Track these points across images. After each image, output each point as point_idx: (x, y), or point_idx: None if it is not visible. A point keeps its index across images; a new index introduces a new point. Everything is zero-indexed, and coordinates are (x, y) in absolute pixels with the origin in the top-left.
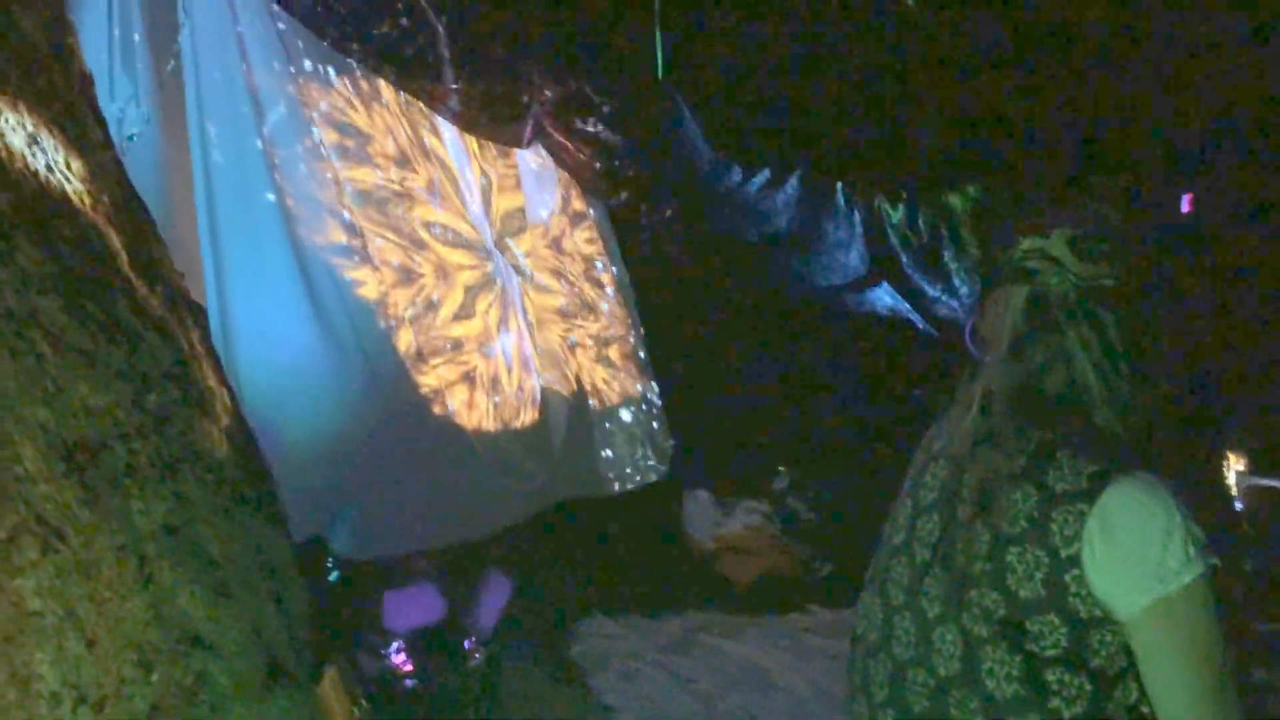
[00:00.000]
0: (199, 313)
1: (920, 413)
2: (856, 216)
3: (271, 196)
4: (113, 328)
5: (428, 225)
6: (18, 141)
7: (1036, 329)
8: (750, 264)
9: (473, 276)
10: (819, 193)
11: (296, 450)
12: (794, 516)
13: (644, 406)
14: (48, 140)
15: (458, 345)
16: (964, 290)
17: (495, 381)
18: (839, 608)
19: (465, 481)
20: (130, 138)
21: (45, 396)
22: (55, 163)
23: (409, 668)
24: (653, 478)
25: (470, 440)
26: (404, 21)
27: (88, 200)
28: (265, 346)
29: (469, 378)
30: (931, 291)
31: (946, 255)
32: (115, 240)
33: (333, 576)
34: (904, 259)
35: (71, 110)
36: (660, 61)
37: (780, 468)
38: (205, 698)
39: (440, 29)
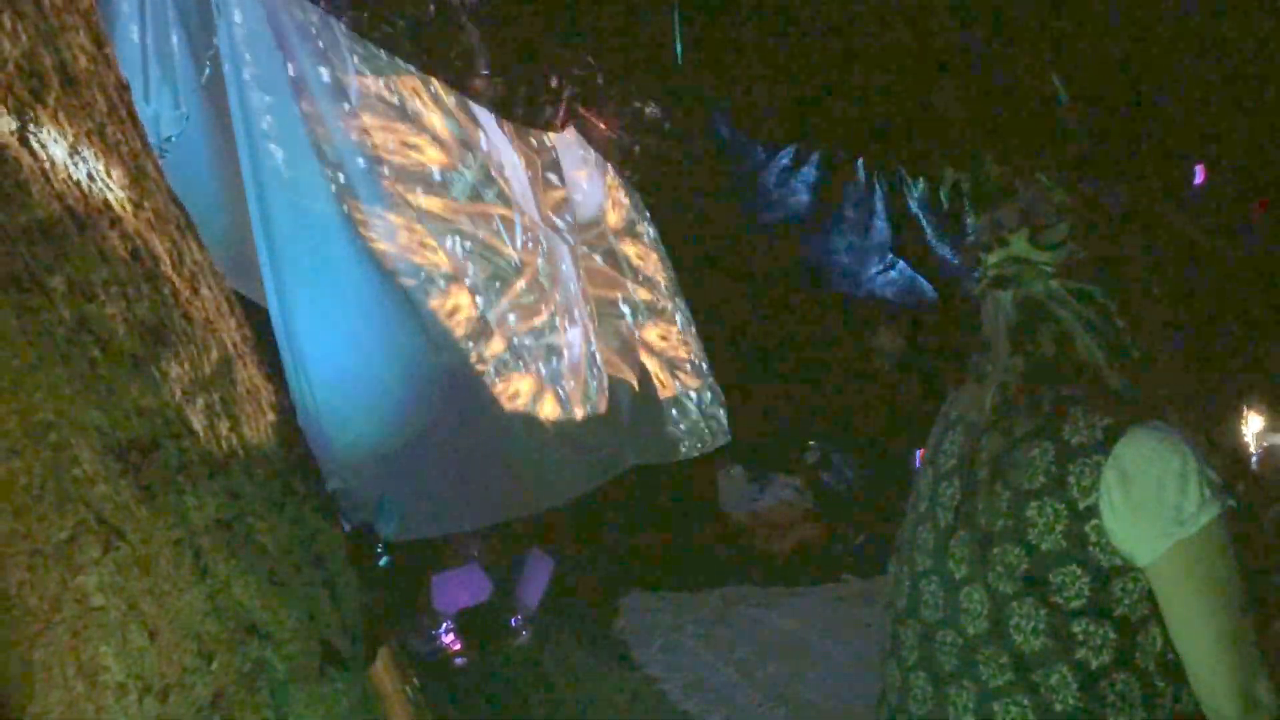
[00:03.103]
0: (245, 311)
1: (943, 383)
2: (878, 192)
3: (322, 189)
4: (160, 330)
5: (478, 213)
6: (60, 153)
7: (1033, 322)
8: (772, 244)
9: (526, 261)
10: (840, 171)
11: (353, 438)
12: (826, 489)
13: (702, 377)
14: (88, 150)
15: (516, 330)
16: None
17: (557, 362)
18: (872, 576)
19: (526, 457)
20: (169, 139)
21: (98, 400)
22: (97, 171)
23: (458, 647)
24: (720, 442)
25: (532, 420)
26: (431, 9)
27: (130, 207)
28: (324, 337)
29: (530, 361)
30: (954, 262)
31: (970, 223)
32: (158, 245)
33: (383, 561)
34: (928, 231)
35: (110, 119)
36: (679, 48)
37: (810, 442)
38: (264, 684)
39: (468, 16)
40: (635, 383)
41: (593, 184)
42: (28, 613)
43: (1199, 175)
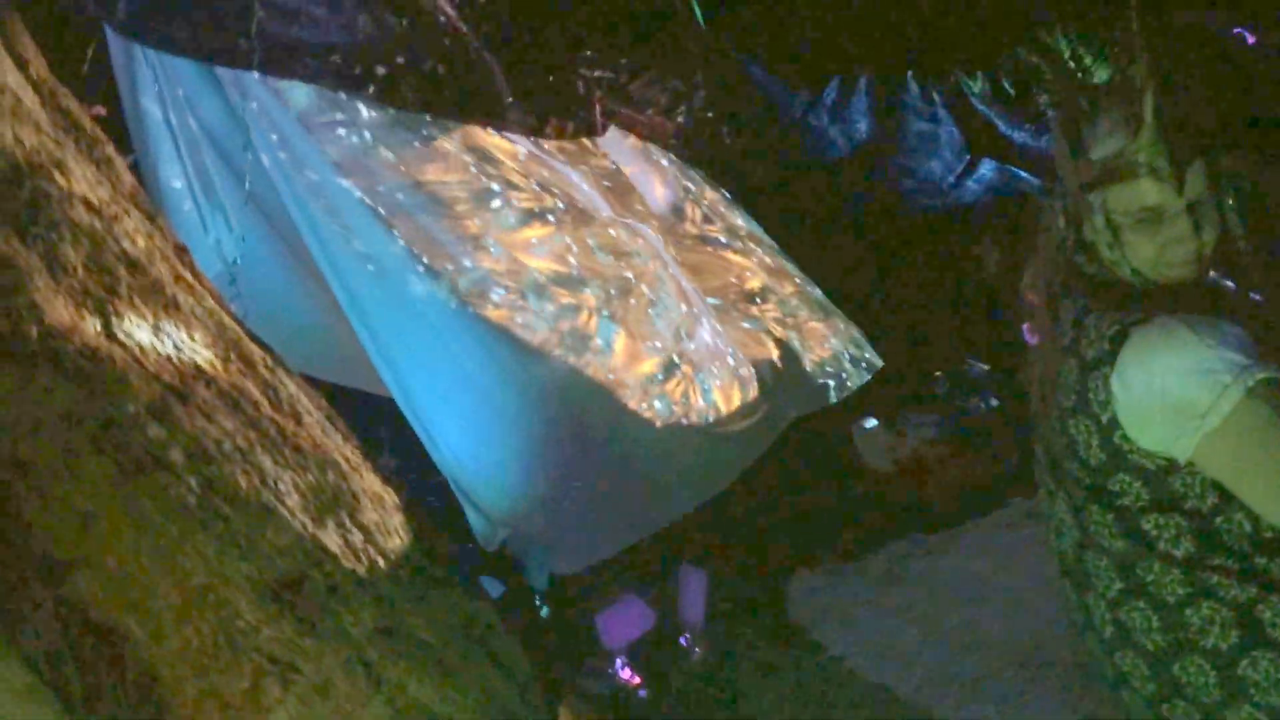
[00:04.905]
0: (351, 423)
1: None
2: (937, 100)
3: (403, 260)
4: (279, 471)
5: (572, 237)
6: (145, 336)
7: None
8: (841, 179)
9: (635, 271)
10: (892, 89)
11: (507, 490)
12: (966, 416)
13: (829, 316)
14: (168, 324)
15: (647, 339)
16: None
17: (694, 357)
18: (1032, 495)
19: (680, 459)
20: (234, 262)
21: (241, 552)
22: (181, 342)
23: (637, 681)
24: (870, 371)
25: (679, 424)
26: (442, 42)
27: (219, 363)
28: (451, 401)
29: (667, 365)
30: (1033, 142)
31: (1041, 102)
32: (253, 389)
33: (543, 613)
34: (1000, 125)
35: (179, 286)
36: (698, 11)
37: (936, 373)
38: None
39: (481, 43)
40: (770, 349)
41: (654, 174)
42: None
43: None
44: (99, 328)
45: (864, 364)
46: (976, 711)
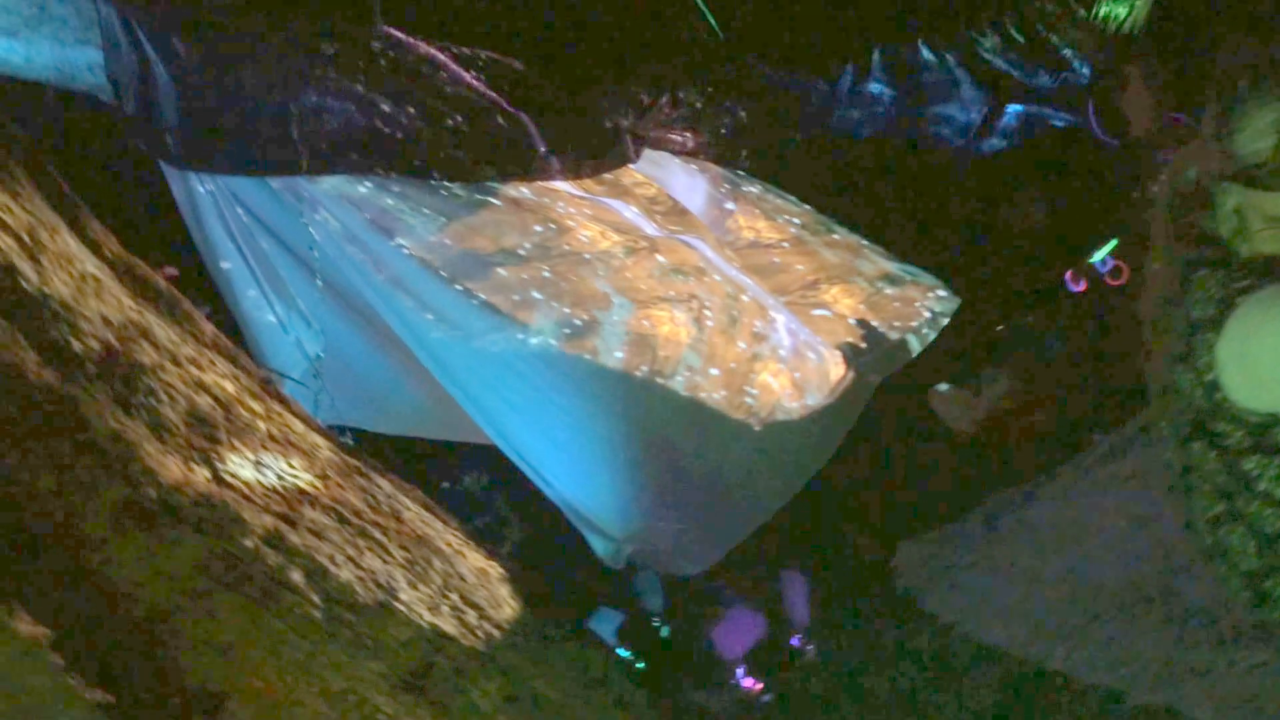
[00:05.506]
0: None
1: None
2: (951, 61)
3: (482, 317)
4: (390, 570)
5: (637, 268)
6: (249, 473)
7: None
8: (876, 152)
9: (706, 290)
10: (906, 59)
11: (624, 508)
12: (1037, 363)
13: (896, 273)
14: (267, 457)
15: (734, 347)
16: (1084, 68)
17: (783, 354)
18: (1117, 427)
19: (776, 453)
20: (318, 356)
21: (370, 653)
22: (282, 471)
23: (760, 687)
24: (949, 309)
25: (775, 422)
26: (467, 108)
27: (318, 483)
28: (553, 440)
29: (750, 369)
30: (1053, 83)
31: (1055, 41)
32: (353, 498)
33: (664, 632)
34: (1017, 74)
35: (269, 420)
36: (713, 21)
37: (998, 326)
38: None
39: (507, 101)
40: (845, 328)
41: (698, 187)
42: None
43: None
44: (208, 475)
45: (944, 300)
46: (1084, 657)
